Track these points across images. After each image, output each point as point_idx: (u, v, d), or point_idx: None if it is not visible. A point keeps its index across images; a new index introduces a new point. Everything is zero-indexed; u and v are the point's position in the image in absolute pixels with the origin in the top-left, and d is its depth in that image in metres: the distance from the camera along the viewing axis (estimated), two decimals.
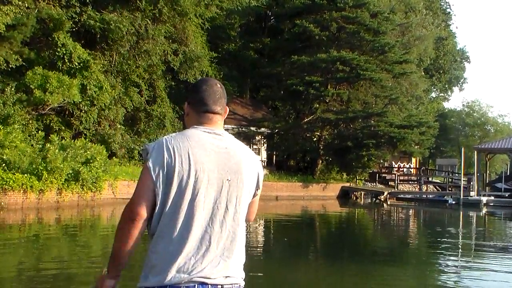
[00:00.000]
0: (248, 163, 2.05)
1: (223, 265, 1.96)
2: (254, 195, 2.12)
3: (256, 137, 34.82)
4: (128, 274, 2.65)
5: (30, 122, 20.10)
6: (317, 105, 33.30)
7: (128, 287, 2.79)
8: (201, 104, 2.11)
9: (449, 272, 9.93)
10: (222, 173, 2.00)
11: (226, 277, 1.96)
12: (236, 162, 2.02)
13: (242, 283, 2.04)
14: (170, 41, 26.02)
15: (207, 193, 1.98)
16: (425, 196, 34.57)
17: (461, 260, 11.51)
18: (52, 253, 10.58)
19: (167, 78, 27.32)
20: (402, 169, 43.99)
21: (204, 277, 1.92)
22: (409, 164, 46.25)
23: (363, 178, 35.42)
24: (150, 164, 2.00)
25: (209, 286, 1.92)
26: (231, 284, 1.97)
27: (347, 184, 33.22)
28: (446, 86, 63.10)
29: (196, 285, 1.91)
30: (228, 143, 2.06)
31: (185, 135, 2.04)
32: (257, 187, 2.11)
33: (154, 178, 1.99)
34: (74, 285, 7.57)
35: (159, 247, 1.97)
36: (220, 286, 1.94)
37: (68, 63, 21.02)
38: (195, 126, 2.09)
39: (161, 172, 1.98)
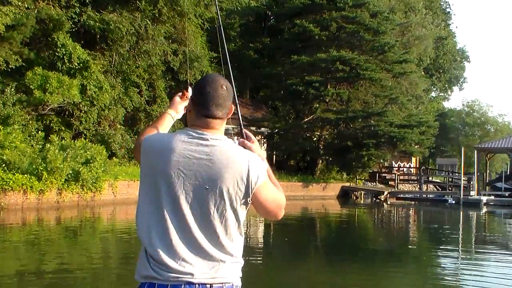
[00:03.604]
0: (231, 171, 1.96)
1: (209, 267, 1.96)
2: (246, 202, 2.02)
3: (256, 137, 34.70)
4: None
5: (30, 122, 20.09)
6: (317, 105, 33.30)
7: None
8: (202, 108, 2.06)
9: (449, 272, 9.93)
10: (199, 181, 1.97)
11: (214, 277, 1.96)
12: (216, 170, 1.96)
13: (236, 283, 2.02)
14: (170, 41, 26.02)
15: (182, 199, 1.97)
16: (425, 196, 34.57)
17: (461, 260, 11.51)
18: (52, 253, 10.57)
19: (167, 78, 27.32)
20: (402, 168, 43.99)
21: (191, 278, 1.94)
22: (409, 163, 46.26)
23: (363, 178, 35.42)
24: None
25: (196, 285, 1.93)
26: (222, 283, 1.96)
27: (347, 184, 33.22)
28: (446, 85, 63.10)
29: (183, 285, 1.93)
30: (212, 150, 1.98)
31: (170, 138, 2.04)
32: (247, 194, 1.99)
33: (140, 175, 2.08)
34: (74, 286, 7.57)
35: (145, 246, 2.00)
36: (209, 286, 1.95)
37: (68, 64, 21.02)
38: (188, 128, 2.07)
39: (143, 172, 2.05)
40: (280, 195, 2.13)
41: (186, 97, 2.40)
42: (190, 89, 2.36)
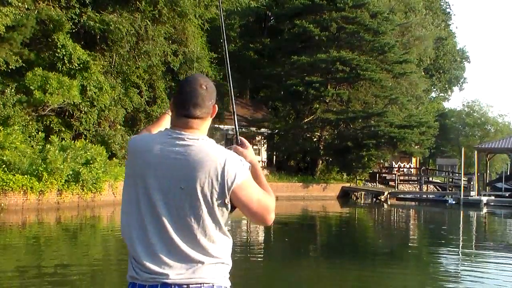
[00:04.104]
0: (205, 170, 1.94)
1: (186, 267, 1.95)
2: (224, 202, 1.98)
3: (256, 138, 34.81)
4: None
5: (30, 123, 20.09)
6: (317, 106, 33.30)
7: None
8: (180, 107, 2.06)
9: (449, 272, 9.93)
10: (175, 181, 1.96)
11: (191, 278, 1.95)
12: (191, 170, 1.95)
13: (219, 283, 2.01)
14: (170, 42, 26.02)
15: (159, 199, 1.97)
16: (425, 196, 34.57)
17: (461, 260, 11.50)
18: (52, 254, 10.57)
19: (167, 79, 27.32)
20: (402, 169, 43.97)
21: (167, 278, 1.94)
22: (409, 164, 46.25)
23: (363, 178, 35.40)
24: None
25: (172, 286, 1.94)
26: (200, 284, 1.96)
27: (347, 184, 33.21)
28: (446, 86, 63.10)
29: (159, 286, 1.94)
30: (188, 149, 1.98)
31: (151, 139, 2.06)
32: (223, 194, 1.96)
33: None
34: (74, 286, 7.57)
35: (128, 246, 2.03)
36: (185, 286, 1.94)
37: (68, 64, 21.02)
38: (168, 128, 2.08)
39: (126, 172, 2.09)
40: (267, 198, 2.07)
41: None
42: None
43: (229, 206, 2.00)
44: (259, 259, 10.92)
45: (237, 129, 2.41)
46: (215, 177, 1.95)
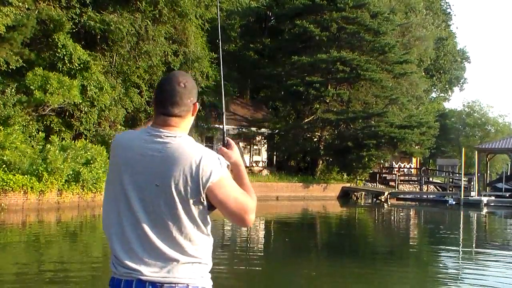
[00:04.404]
0: (179, 167, 1.93)
1: (161, 265, 1.95)
2: (200, 200, 1.96)
3: (257, 138, 34.84)
4: None
5: (31, 123, 20.09)
6: (318, 106, 33.31)
7: None
8: (159, 106, 2.06)
9: (450, 272, 9.92)
10: (150, 178, 1.97)
11: (165, 277, 1.94)
12: (166, 167, 1.95)
13: (194, 284, 1.98)
14: (170, 42, 26.02)
15: (134, 196, 1.98)
16: (425, 196, 34.58)
17: (461, 260, 11.50)
18: (52, 254, 10.58)
19: None
20: (402, 169, 43.98)
21: (141, 275, 1.94)
22: (410, 164, 46.25)
23: (363, 179, 35.41)
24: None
25: (146, 283, 1.94)
26: (174, 284, 1.95)
27: (348, 185, 33.22)
28: (447, 86, 63.11)
29: (134, 281, 1.95)
30: (164, 147, 1.97)
31: (131, 136, 2.08)
32: (198, 192, 1.94)
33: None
34: (74, 286, 7.57)
35: (108, 241, 2.06)
36: (159, 285, 1.94)
37: (68, 64, 21.02)
38: (149, 126, 2.08)
39: (109, 168, 2.12)
40: (246, 198, 2.04)
41: None
42: None
43: (205, 204, 1.98)
44: (259, 259, 10.91)
45: (225, 130, 2.40)
46: (189, 174, 1.94)
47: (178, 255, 1.96)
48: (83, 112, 21.91)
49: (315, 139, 34.53)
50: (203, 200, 1.97)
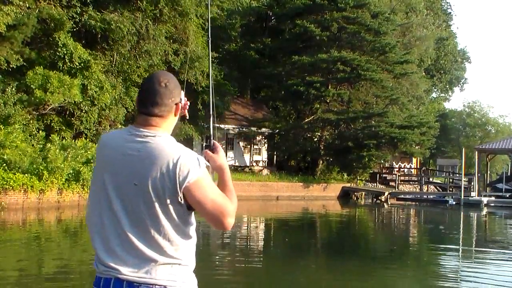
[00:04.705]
0: (157, 167, 1.92)
1: (140, 265, 1.94)
2: (177, 200, 1.94)
3: (257, 137, 34.84)
4: None
5: (31, 122, 20.10)
6: (318, 106, 33.31)
7: None
8: (140, 105, 2.07)
9: (450, 272, 9.93)
10: (129, 177, 1.96)
11: (142, 277, 1.93)
12: (144, 166, 1.94)
13: (172, 285, 1.96)
14: (171, 41, 26.02)
15: (114, 195, 1.99)
16: (425, 197, 34.56)
17: (461, 261, 11.50)
18: (52, 253, 10.58)
19: None
20: (402, 169, 43.98)
21: (119, 274, 1.94)
22: (410, 164, 46.25)
23: (363, 179, 35.41)
24: None
25: (124, 282, 1.93)
26: (151, 285, 1.94)
27: (348, 185, 33.20)
28: (447, 86, 63.13)
29: (112, 280, 1.95)
30: (143, 146, 1.97)
31: (114, 136, 2.10)
32: (176, 191, 1.92)
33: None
34: (74, 285, 7.57)
35: (90, 239, 2.07)
36: (137, 285, 1.93)
37: (68, 63, 21.03)
38: (131, 125, 2.09)
39: (94, 168, 2.12)
40: (225, 201, 1.99)
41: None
42: (182, 92, 2.34)
43: (184, 204, 1.96)
44: (259, 258, 10.92)
45: (212, 133, 2.41)
46: (167, 174, 1.92)
47: (157, 256, 1.94)
48: (84, 111, 21.92)
49: (316, 139, 34.54)
50: (181, 200, 1.94)
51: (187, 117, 2.54)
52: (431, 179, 41.72)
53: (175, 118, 2.11)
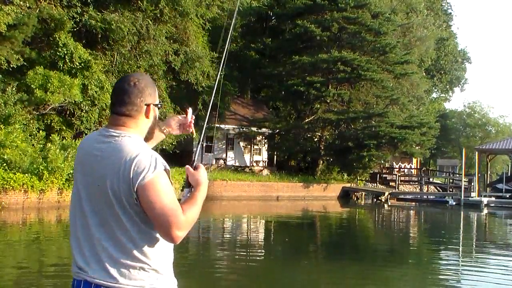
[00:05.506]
0: (114, 167, 1.90)
1: (107, 268, 1.92)
2: (135, 202, 1.89)
3: (257, 137, 34.84)
4: None
5: (31, 122, 20.10)
6: (318, 106, 33.31)
7: None
8: (110, 105, 2.08)
9: (450, 273, 9.93)
10: (94, 178, 1.96)
11: (108, 281, 1.92)
12: (104, 166, 1.93)
13: None
14: (171, 41, 26.03)
15: (84, 196, 1.99)
16: (425, 197, 34.56)
17: (461, 261, 11.50)
18: (52, 252, 10.58)
19: (168, 78, 27.31)
20: (403, 169, 43.98)
21: (87, 276, 1.94)
22: (410, 164, 46.24)
23: (364, 179, 35.42)
24: None
25: (93, 285, 1.93)
26: None
27: (348, 185, 33.21)
28: (447, 86, 63.12)
29: (82, 282, 1.95)
30: (106, 147, 1.96)
31: (88, 137, 2.11)
32: (131, 193, 1.87)
33: None
34: None
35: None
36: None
37: (69, 63, 21.03)
38: (103, 126, 2.11)
39: None
40: (176, 212, 1.87)
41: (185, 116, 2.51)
42: (190, 110, 2.39)
43: (140, 206, 1.92)
44: (259, 258, 10.92)
45: (197, 151, 2.43)
46: (122, 173, 1.89)
47: (123, 259, 1.92)
48: (84, 111, 21.92)
49: (316, 139, 34.54)
50: (136, 201, 1.89)
51: (194, 135, 2.54)
52: (431, 180, 41.72)
53: (147, 120, 2.08)
